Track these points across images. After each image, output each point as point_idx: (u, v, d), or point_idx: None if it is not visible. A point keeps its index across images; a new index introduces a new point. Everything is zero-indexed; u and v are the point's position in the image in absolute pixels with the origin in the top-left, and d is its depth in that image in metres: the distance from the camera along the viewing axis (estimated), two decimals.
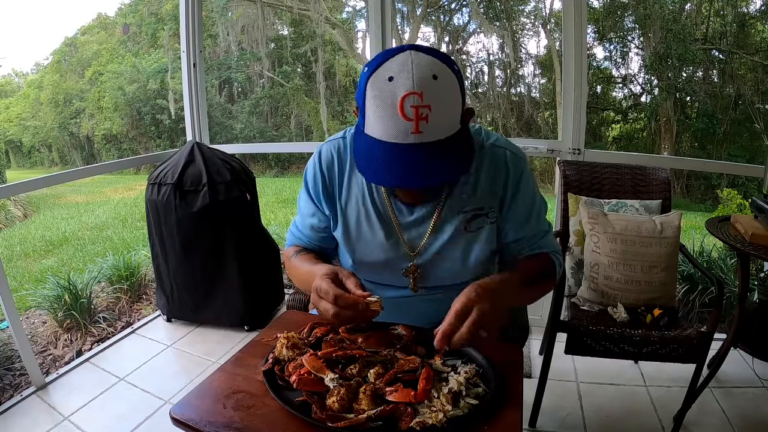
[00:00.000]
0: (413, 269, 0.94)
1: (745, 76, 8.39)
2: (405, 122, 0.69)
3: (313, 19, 10.52)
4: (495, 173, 0.90)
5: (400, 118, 0.69)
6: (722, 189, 3.93)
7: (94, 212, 7.59)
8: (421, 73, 0.70)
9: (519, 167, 0.90)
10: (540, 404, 1.58)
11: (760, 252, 1.42)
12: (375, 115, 0.72)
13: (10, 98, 14.75)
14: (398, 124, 0.70)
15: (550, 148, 2.14)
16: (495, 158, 0.90)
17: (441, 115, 0.71)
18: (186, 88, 2.58)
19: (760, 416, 1.66)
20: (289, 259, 1.00)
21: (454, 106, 0.73)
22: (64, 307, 2.37)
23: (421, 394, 0.67)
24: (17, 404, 1.77)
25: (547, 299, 2.21)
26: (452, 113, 0.73)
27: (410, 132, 0.69)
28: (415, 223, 0.92)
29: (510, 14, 9.32)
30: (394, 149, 0.71)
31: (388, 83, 0.70)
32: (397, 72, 0.70)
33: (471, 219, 0.91)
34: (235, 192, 2.21)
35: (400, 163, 0.71)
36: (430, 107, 0.69)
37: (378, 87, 0.71)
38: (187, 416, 0.68)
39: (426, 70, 0.70)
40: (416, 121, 0.68)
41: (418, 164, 0.71)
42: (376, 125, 0.72)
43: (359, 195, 0.93)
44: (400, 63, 0.71)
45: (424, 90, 0.69)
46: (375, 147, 0.73)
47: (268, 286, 2.44)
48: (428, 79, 0.70)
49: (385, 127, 0.71)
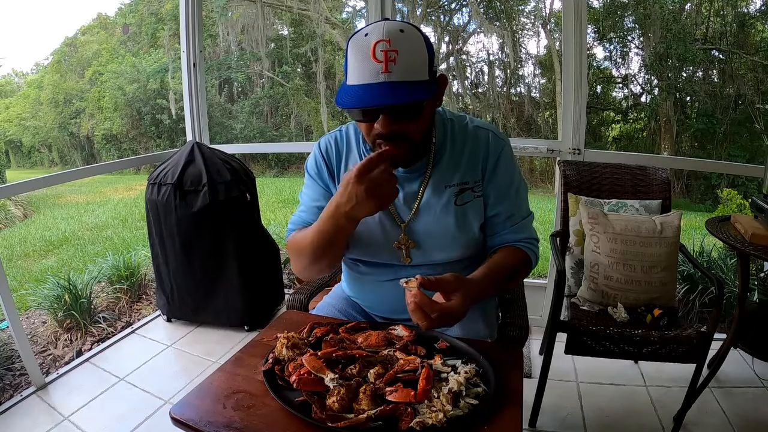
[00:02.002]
0: (404, 240, 0.99)
1: (745, 76, 8.39)
2: (376, 63, 0.80)
3: (313, 19, 10.53)
4: (477, 150, 0.98)
5: (372, 60, 0.80)
6: (722, 189, 3.94)
7: (94, 212, 7.59)
8: (391, 27, 0.83)
9: (499, 145, 0.99)
10: (540, 404, 1.58)
11: (760, 252, 1.42)
12: (352, 65, 0.83)
13: (10, 98, 14.75)
14: (370, 66, 0.81)
15: (550, 148, 2.14)
16: (477, 138, 0.99)
17: (407, 59, 0.81)
18: (186, 88, 2.58)
19: (760, 416, 1.66)
20: (294, 240, 1.00)
21: (419, 55, 0.84)
22: (64, 307, 2.37)
23: (421, 394, 0.67)
24: (17, 404, 1.77)
25: (547, 299, 2.22)
26: (417, 60, 0.83)
27: (380, 72, 0.80)
28: (405, 199, 0.99)
29: (510, 14, 9.32)
30: (367, 87, 0.82)
31: (363, 38, 0.83)
32: (372, 30, 0.83)
33: (458, 193, 0.97)
34: (235, 192, 2.21)
35: (371, 93, 0.81)
36: (397, 51, 0.80)
37: (355, 42, 0.84)
38: (187, 416, 0.68)
39: (395, 26, 0.83)
40: (386, 62, 0.80)
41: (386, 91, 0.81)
42: (353, 73, 0.83)
43: None
44: (375, 25, 0.84)
45: (391, 38, 0.80)
46: (352, 90, 0.83)
47: (268, 286, 2.44)
48: (396, 31, 0.82)
49: (361, 70, 0.82)
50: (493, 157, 0.98)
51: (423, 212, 0.98)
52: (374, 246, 1.00)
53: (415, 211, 0.98)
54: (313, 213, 1.02)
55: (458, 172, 0.97)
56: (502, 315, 1.16)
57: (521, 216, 1.01)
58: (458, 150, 0.98)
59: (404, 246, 0.99)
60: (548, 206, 5.97)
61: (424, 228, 0.98)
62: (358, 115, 0.87)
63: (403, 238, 0.98)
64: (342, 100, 0.84)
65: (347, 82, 0.85)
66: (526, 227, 1.01)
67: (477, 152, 0.98)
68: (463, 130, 0.99)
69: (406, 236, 0.98)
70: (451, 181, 0.97)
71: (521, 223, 1.00)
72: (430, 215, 0.97)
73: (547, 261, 3.22)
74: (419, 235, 0.98)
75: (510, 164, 0.99)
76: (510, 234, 1.00)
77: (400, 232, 0.99)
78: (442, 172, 0.97)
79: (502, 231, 1.00)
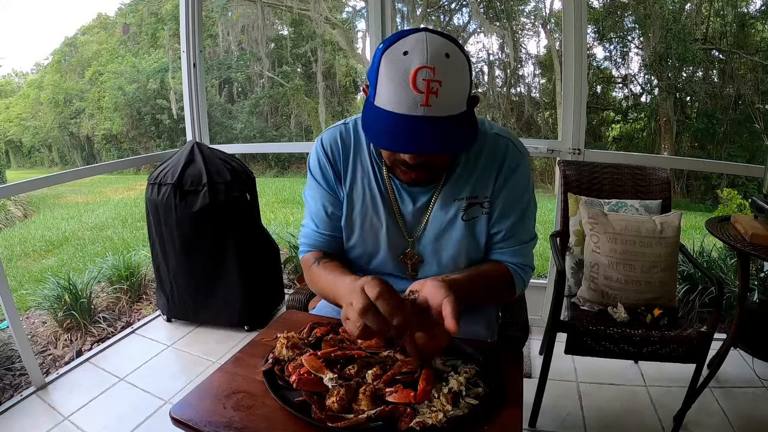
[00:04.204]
0: (411, 255, 0.96)
1: (745, 76, 8.38)
2: (416, 94, 0.71)
3: (313, 19, 10.52)
4: (492, 161, 0.91)
5: (412, 89, 0.71)
6: (722, 189, 3.93)
7: (94, 212, 7.58)
8: (435, 50, 0.72)
9: (516, 160, 0.91)
10: (540, 404, 1.58)
11: (760, 252, 1.42)
12: (387, 87, 0.74)
13: (10, 98, 14.73)
14: (409, 96, 0.72)
15: (550, 148, 2.14)
16: (496, 147, 0.91)
17: (450, 91, 0.73)
18: (186, 88, 2.58)
19: (760, 416, 1.66)
20: (310, 269, 0.96)
21: (462, 86, 0.76)
22: (64, 307, 2.37)
23: (421, 395, 0.67)
24: (17, 404, 1.77)
25: (547, 299, 2.22)
26: (460, 92, 0.76)
27: (420, 104, 0.72)
28: (415, 213, 0.94)
29: (510, 14, 9.31)
30: (402, 119, 0.73)
31: (402, 57, 0.73)
32: (412, 47, 0.73)
33: (467, 207, 0.92)
34: (235, 192, 2.21)
35: (407, 131, 0.73)
36: (441, 82, 0.71)
37: (393, 60, 0.74)
38: (187, 416, 0.68)
39: (440, 48, 0.73)
40: (426, 94, 0.71)
41: (424, 133, 0.73)
42: (387, 96, 0.74)
43: (364, 179, 0.95)
44: (415, 40, 0.74)
45: (436, 65, 0.71)
46: (384, 117, 0.74)
47: (268, 286, 2.44)
48: (441, 56, 0.72)
49: (397, 98, 0.73)
50: (507, 172, 0.91)
51: (430, 226, 0.93)
52: (380, 257, 0.98)
53: (424, 225, 0.94)
54: (321, 221, 0.98)
55: (469, 185, 0.91)
56: (502, 315, 1.16)
57: (522, 240, 0.94)
58: (473, 158, 0.91)
59: (410, 261, 0.96)
60: (548, 206, 5.96)
61: (430, 243, 0.94)
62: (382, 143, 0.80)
63: (409, 253, 0.96)
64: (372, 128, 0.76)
65: (377, 102, 0.76)
66: (524, 253, 0.95)
67: (492, 163, 0.91)
68: (483, 137, 0.90)
69: (413, 251, 0.96)
70: (461, 194, 0.91)
71: (520, 247, 0.94)
72: (436, 230, 0.93)
73: (547, 261, 3.22)
74: (425, 251, 0.95)
75: (524, 182, 0.93)
76: (506, 255, 0.94)
77: (407, 246, 0.96)
78: (454, 184, 0.91)
79: (499, 249, 0.95)
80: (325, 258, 0.95)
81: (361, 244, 0.97)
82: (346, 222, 0.97)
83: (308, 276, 0.98)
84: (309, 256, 0.98)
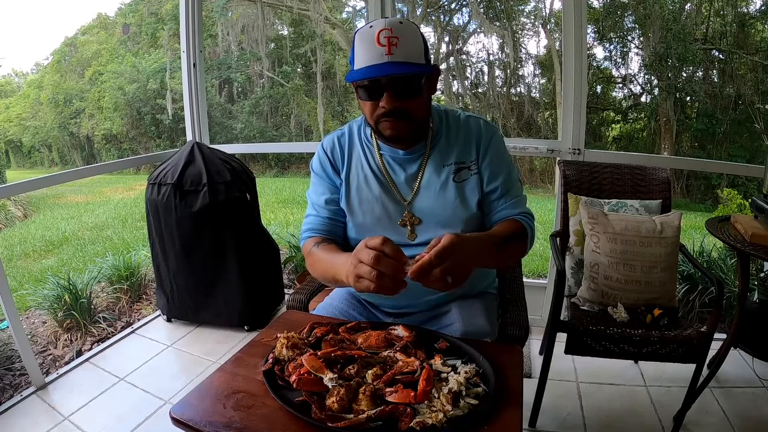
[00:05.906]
0: (408, 216, 1.05)
1: (745, 76, 8.38)
2: (380, 47, 0.92)
3: (313, 19, 10.52)
4: (470, 135, 1.08)
5: (377, 45, 0.92)
6: (722, 189, 3.94)
7: (94, 212, 7.58)
8: (392, 20, 0.95)
9: (490, 131, 1.09)
10: (540, 404, 1.58)
11: (760, 252, 1.42)
12: (359, 51, 0.95)
13: (10, 98, 14.74)
14: (375, 50, 0.92)
15: (550, 148, 2.14)
16: (469, 126, 1.09)
17: (407, 44, 0.93)
18: (186, 88, 2.58)
19: (760, 416, 1.66)
20: (310, 252, 1.05)
21: (417, 42, 0.95)
22: (64, 307, 2.37)
23: (421, 395, 0.67)
24: (17, 404, 1.77)
25: (547, 299, 2.22)
26: (416, 47, 0.95)
27: (384, 54, 0.92)
28: (407, 179, 1.07)
29: (510, 14, 9.31)
30: (374, 67, 0.93)
31: (368, 29, 0.94)
32: (374, 23, 0.95)
33: (456, 171, 1.06)
34: (235, 192, 2.21)
35: (377, 70, 0.93)
36: (398, 38, 0.92)
37: (361, 33, 0.96)
38: (187, 416, 0.68)
39: (395, 19, 0.96)
40: (389, 46, 0.92)
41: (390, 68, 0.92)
42: (360, 58, 0.94)
43: (358, 164, 1.11)
44: (377, 20, 0.96)
45: (393, 27, 0.93)
46: (360, 71, 0.94)
47: (268, 286, 2.44)
48: (396, 22, 0.94)
49: (367, 55, 0.93)
50: (485, 139, 1.07)
51: (424, 190, 1.05)
52: (379, 227, 1.06)
53: (416, 189, 1.06)
54: (321, 206, 1.11)
55: (454, 153, 1.06)
56: (502, 315, 1.16)
57: (516, 194, 1.08)
58: (453, 135, 1.08)
59: (409, 222, 1.05)
60: (548, 206, 5.97)
61: (425, 205, 1.05)
62: (365, 95, 0.97)
63: (407, 215, 1.05)
64: (351, 77, 0.95)
65: (354, 67, 0.95)
66: (522, 204, 1.08)
67: (470, 136, 1.07)
68: (457, 119, 1.10)
69: (409, 213, 1.05)
70: (449, 160, 1.06)
71: (517, 199, 1.07)
72: (430, 193, 1.05)
73: (547, 261, 3.22)
74: (422, 212, 1.05)
75: (501, 148, 1.09)
76: (507, 209, 1.06)
77: (404, 210, 1.06)
78: (440, 153, 1.06)
79: (500, 207, 1.06)
80: (324, 242, 1.05)
81: (361, 215, 1.08)
82: (346, 201, 1.09)
83: (309, 260, 1.07)
84: (309, 242, 1.08)
